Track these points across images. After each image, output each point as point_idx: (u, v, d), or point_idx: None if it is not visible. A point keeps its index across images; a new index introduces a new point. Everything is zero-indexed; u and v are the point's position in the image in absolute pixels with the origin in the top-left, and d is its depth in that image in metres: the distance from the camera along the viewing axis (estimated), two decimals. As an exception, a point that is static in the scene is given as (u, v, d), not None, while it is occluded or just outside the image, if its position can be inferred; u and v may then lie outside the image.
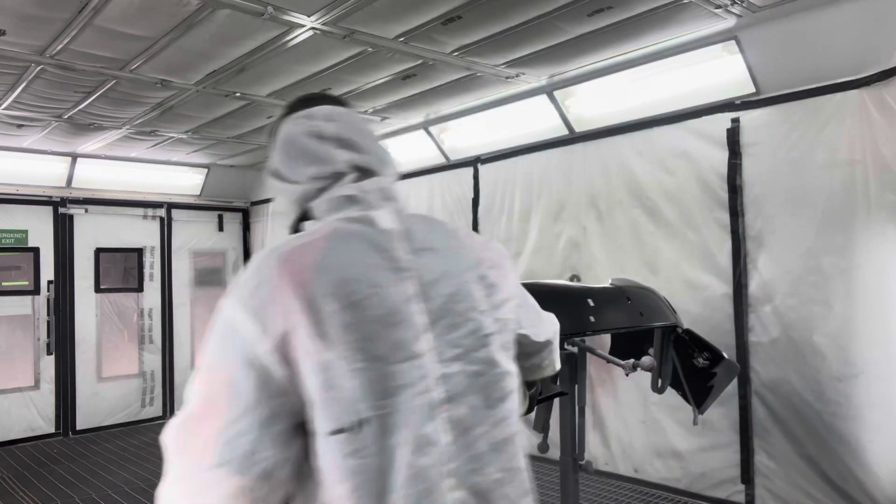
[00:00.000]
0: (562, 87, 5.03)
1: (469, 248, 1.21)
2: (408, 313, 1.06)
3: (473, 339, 1.12)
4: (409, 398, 1.02)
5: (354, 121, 1.28)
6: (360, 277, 1.04)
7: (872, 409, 3.78)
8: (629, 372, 2.77)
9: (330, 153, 1.20)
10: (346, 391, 0.98)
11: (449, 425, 1.05)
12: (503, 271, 1.25)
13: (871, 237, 3.79)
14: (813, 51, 3.88)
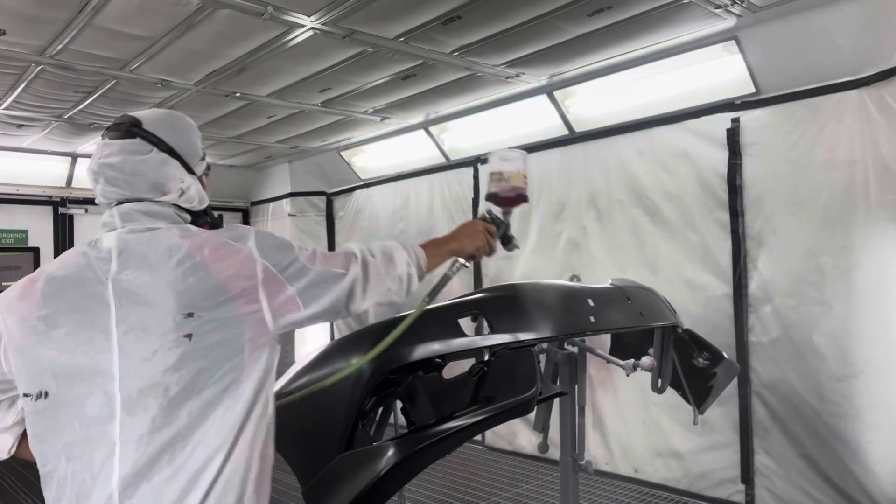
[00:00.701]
0: (562, 87, 5.03)
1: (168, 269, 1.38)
2: (99, 317, 1.35)
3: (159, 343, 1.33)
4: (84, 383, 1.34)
5: (113, 150, 1.48)
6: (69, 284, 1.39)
7: (872, 409, 3.78)
8: (629, 372, 2.77)
9: (94, 187, 1.50)
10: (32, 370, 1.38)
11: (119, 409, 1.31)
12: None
13: (871, 237, 3.79)
14: (813, 51, 3.88)
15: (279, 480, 5.76)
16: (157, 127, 1.51)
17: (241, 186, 8.57)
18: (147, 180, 1.47)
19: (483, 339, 1.95)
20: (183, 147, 1.53)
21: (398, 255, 1.62)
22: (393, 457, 1.65)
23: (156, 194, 1.48)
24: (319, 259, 1.50)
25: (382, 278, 1.56)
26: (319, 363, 1.84)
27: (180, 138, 1.53)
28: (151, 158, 1.48)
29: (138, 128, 1.49)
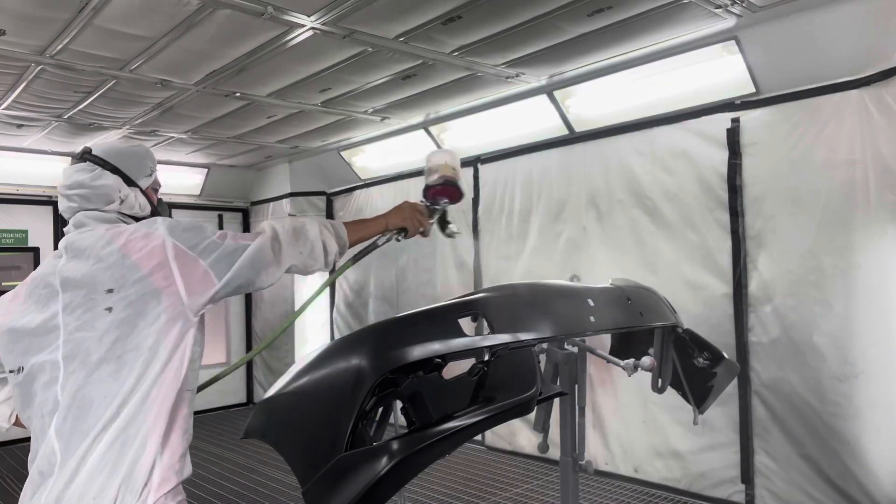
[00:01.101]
0: (562, 87, 5.03)
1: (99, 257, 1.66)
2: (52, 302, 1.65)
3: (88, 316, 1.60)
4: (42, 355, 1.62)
5: (69, 173, 1.81)
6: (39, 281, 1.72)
7: (872, 409, 3.79)
8: (629, 372, 2.76)
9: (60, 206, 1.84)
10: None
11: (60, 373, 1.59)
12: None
13: (871, 237, 3.79)
14: (813, 51, 3.89)
15: (279, 480, 5.76)
16: (104, 152, 1.84)
17: (241, 186, 8.57)
18: (93, 193, 1.78)
19: (483, 339, 1.95)
20: (126, 165, 1.84)
21: (310, 225, 1.82)
22: (393, 457, 1.65)
23: (101, 204, 1.78)
24: (230, 236, 1.71)
25: (293, 244, 1.76)
26: (319, 363, 1.84)
27: (124, 159, 1.85)
28: (96, 175, 1.79)
29: (88, 154, 1.84)
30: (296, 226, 1.80)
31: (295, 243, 1.77)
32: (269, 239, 1.72)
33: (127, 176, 1.83)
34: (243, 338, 8.78)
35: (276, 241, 1.73)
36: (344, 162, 7.37)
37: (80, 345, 1.59)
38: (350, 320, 7.73)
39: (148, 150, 1.97)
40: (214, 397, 8.34)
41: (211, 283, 1.64)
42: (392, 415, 2.00)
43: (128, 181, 1.83)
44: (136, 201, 1.84)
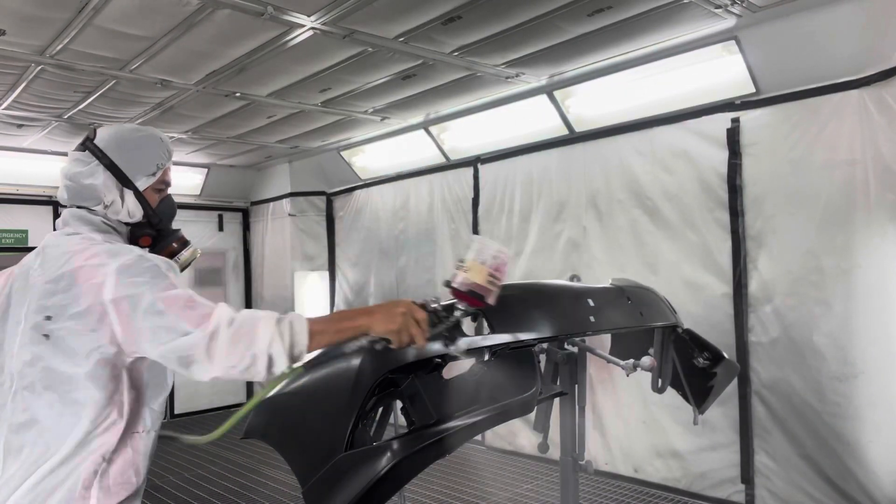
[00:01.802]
0: (562, 87, 5.03)
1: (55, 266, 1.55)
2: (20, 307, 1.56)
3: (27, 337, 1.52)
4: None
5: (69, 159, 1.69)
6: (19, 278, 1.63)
7: (872, 409, 3.79)
8: (629, 372, 2.76)
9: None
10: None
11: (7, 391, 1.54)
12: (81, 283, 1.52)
13: (871, 237, 3.79)
14: (813, 51, 3.88)
15: (279, 480, 5.75)
16: (106, 141, 1.67)
17: (241, 186, 8.57)
18: (82, 189, 1.64)
19: (483, 339, 1.96)
20: (126, 161, 1.67)
21: (262, 330, 1.44)
22: (393, 457, 1.65)
23: (91, 203, 1.64)
24: (180, 305, 1.46)
25: (229, 351, 1.42)
26: (319, 363, 1.84)
27: (125, 153, 1.67)
28: (88, 170, 1.64)
29: (89, 141, 1.68)
30: (245, 326, 1.45)
31: (232, 351, 1.43)
32: (206, 337, 1.42)
33: (123, 174, 1.66)
34: (243, 338, 8.77)
35: (213, 340, 1.42)
36: (344, 162, 7.37)
37: (17, 367, 1.51)
38: (350, 320, 7.71)
39: (161, 141, 1.76)
40: (214, 397, 8.34)
41: (147, 345, 1.46)
42: (392, 415, 2.00)
43: (123, 180, 1.67)
44: (125, 207, 1.68)
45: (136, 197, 1.69)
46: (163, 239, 1.75)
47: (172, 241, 1.77)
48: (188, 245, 1.82)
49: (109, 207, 1.66)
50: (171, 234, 1.77)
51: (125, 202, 1.68)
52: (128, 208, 1.68)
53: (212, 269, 8.58)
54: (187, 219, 8.29)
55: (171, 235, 1.77)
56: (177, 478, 5.57)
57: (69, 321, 1.48)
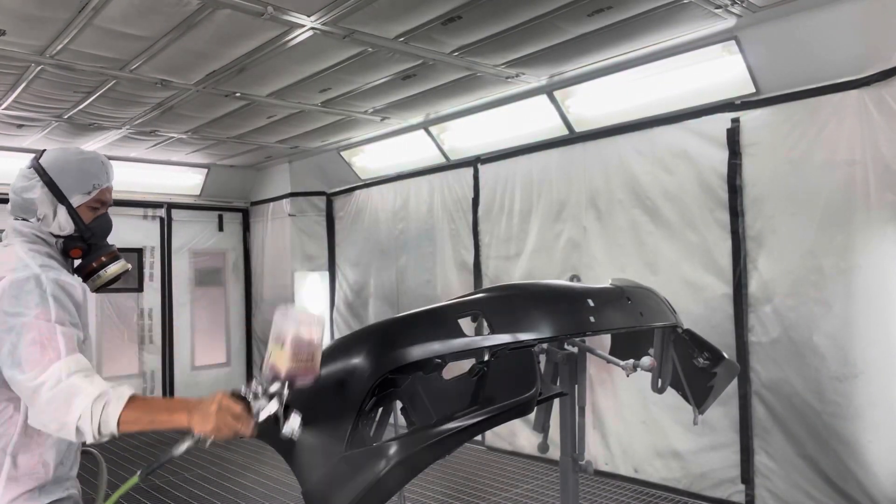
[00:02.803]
0: (562, 87, 5.03)
1: None
2: None
3: None
4: None
5: (17, 175, 1.84)
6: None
7: (872, 409, 3.78)
8: (629, 372, 2.76)
9: None
10: None
11: None
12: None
13: (871, 237, 3.79)
14: (813, 51, 3.88)
15: (279, 480, 5.73)
16: (50, 161, 1.83)
17: (241, 186, 8.57)
18: (22, 202, 1.80)
19: (483, 339, 1.96)
20: (63, 179, 1.81)
21: (77, 404, 1.52)
22: (393, 457, 1.65)
23: (28, 215, 1.80)
24: (35, 339, 1.56)
25: (41, 410, 1.54)
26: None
27: (64, 173, 1.82)
28: (29, 185, 1.80)
29: (36, 160, 1.84)
30: (63, 393, 1.53)
31: (46, 409, 1.53)
32: (31, 387, 1.55)
33: (59, 191, 1.80)
34: (243, 339, 8.78)
35: (36, 393, 1.54)
36: (344, 162, 7.37)
37: None
38: (350, 320, 7.73)
39: (100, 164, 1.89)
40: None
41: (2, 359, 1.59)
42: (392, 415, 2.00)
43: (58, 196, 1.80)
44: (56, 221, 1.81)
45: (69, 212, 1.81)
46: (93, 252, 1.87)
47: (102, 254, 1.88)
48: (117, 259, 1.94)
49: (42, 220, 1.79)
50: (101, 249, 1.88)
51: (57, 216, 1.81)
52: (59, 222, 1.81)
53: (212, 269, 8.58)
54: (187, 219, 8.30)
55: (102, 250, 1.89)
56: (177, 478, 5.57)
57: None
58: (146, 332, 7.89)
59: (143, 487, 5.31)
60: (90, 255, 1.87)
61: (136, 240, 7.85)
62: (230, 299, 8.70)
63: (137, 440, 6.74)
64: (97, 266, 1.88)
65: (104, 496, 1.81)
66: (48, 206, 1.80)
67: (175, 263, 8.13)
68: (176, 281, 8.13)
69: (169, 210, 8.10)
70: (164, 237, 8.07)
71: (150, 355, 7.89)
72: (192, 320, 8.26)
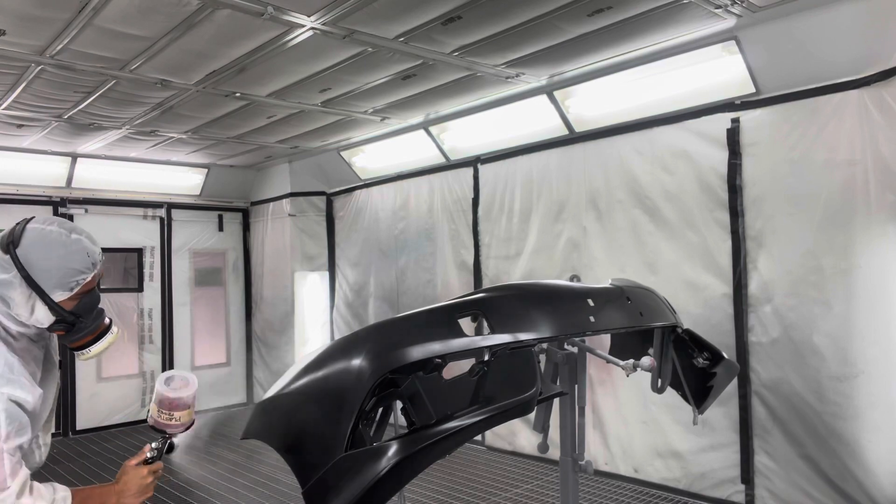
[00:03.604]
0: (562, 87, 5.03)
1: None
2: None
3: None
4: None
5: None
6: None
7: (872, 409, 3.79)
8: (629, 372, 2.76)
9: None
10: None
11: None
12: None
13: (871, 237, 3.79)
14: (813, 51, 3.88)
15: (279, 480, 5.73)
16: (28, 251, 1.68)
17: (241, 186, 8.57)
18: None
19: (483, 339, 1.95)
20: (45, 278, 1.69)
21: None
22: (393, 457, 1.65)
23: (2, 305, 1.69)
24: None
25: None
26: (319, 363, 1.84)
27: (45, 270, 1.69)
28: (6, 279, 1.68)
29: (13, 248, 1.68)
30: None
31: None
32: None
33: (40, 288, 1.68)
34: (243, 339, 8.78)
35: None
36: (344, 162, 7.37)
37: None
38: (350, 320, 7.73)
39: (85, 256, 1.75)
40: (215, 397, 8.34)
41: None
42: (392, 415, 1.99)
43: (39, 292, 1.68)
44: (34, 315, 1.71)
45: (49, 306, 1.71)
46: (79, 332, 1.79)
47: (88, 333, 1.81)
48: (107, 332, 1.86)
49: (17, 314, 1.69)
50: (87, 327, 1.80)
51: (35, 312, 1.71)
52: (37, 317, 1.71)
53: (212, 269, 8.58)
54: (187, 219, 8.30)
55: (88, 327, 1.80)
56: (177, 478, 5.57)
57: None
58: (146, 332, 7.89)
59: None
60: (73, 335, 1.79)
61: (136, 240, 7.86)
62: (230, 299, 8.70)
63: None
64: (82, 345, 1.82)
65: None
66: (24, 304, 1.69)
67: (175, 263, 8.13)
68: (176, 281, 8.13)
69: (169, 210, 8.10)
70: (164, 237, 8.07)
71: (150, 355, 7.89)
72: (192, 320, 8.26)
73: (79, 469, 5.89)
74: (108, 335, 1.86)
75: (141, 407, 7.80)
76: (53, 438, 1.96)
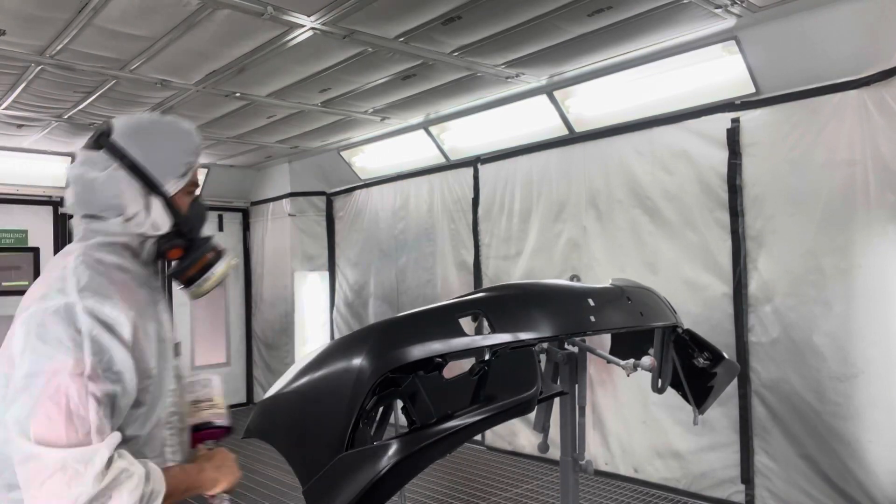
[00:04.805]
0: (562, 87, 5.03)
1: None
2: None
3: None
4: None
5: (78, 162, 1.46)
6: None
7: (872, 409, 3.79)
8: (629, 372, 2.76)
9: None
10: None
11: None
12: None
13: (871, 237, 3.79)
14: (813, 51, 3.89)
15: (279, 481, 5.73)
16: (126, 138, 1.39)
17: (241, 186, 8.57)
18: (95, 197, 1.39)
19: (483, 339, 1.95)
20: (154, 161, 1.40)
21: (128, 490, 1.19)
22: (393, 456, 1.65)
23: (107, 213, 1.39)
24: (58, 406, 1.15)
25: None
26: (319, 363, 1.84)
27: (153, 150, 1.40)
28: (106, 175, 1.38)
29: (105, 138, 1.40)
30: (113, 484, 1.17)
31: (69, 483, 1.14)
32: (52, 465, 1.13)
33: (150, 178, 1.39)
34: (243, 339, 8.78)
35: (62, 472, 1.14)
36: (344, 162, 7.37)
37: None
38: (350, 320, 7.73)
39: (190, 134, 1.47)
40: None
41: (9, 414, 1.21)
42: (392, 415, 2.00)
43: (150, 185, 1.39)
44: (150, 219, 1.40)
45: (165, 204, 1.42)
46: (195, 250, 1.49)
47: (205, 251, 1.50)
48: (223, 255, 1.54)
49: (132, 220, 1.39)
50: (203, 244, 1.50)
51: (151, 213, 1.41)
52: (153, 220, 1.41)
53: (212, 269, 8.57)
54: (187, 219, 8.29)
55: (204, 245, 1.50)
56: (177, 478, 5.57)
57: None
58: (146, 332, 7.88)
59: (143, 487, 5.31)
60: (191, 254, 1.48)
61: (136, 240, 7.85)
62: (230, 299, 8.69)
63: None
64: (203, 267, 1.48)
65: None
66: (139, 200, 1.38)
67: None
68: (176, 281, 8.12)
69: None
70: (163, 237, 8.06)
71: (150, 355, 7.89)
72: (191, 320, 8.26)
73: (79, 469, 5.87)
74: (226, 257, 1.54)
75: (141, 407, 7.78)
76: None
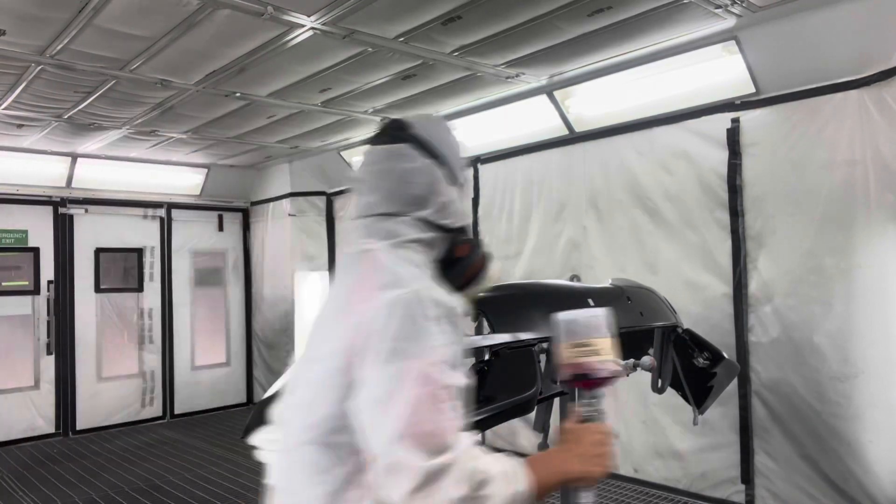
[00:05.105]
0: (562, 87, 5.03)
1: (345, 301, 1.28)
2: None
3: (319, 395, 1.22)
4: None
5: (367, 160, 1.44)
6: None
7: (872, 409, 3.78)
8: (629, 372, 2.76)
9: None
10: None
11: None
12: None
13: (871, 237, 3.79)
14: (813, 51, 3.88)
15: (279, 480, 5.58)
16: (428, 133, 1.37)
17: (241, 186, 8.57)
18: (408, 191, 1.32)
19: (483, 339, 1.95)
20: (449, 152, 1.37)
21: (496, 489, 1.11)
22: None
23: (412, 208, 1.32)
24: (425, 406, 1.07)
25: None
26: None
27: (447, 147, 1.37)
28: (422, 167, 1.33)
29: (405, 132, 1.37)
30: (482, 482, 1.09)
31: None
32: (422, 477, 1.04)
33: (454, 171, 1.35)
34: (244, 339, 8.78)
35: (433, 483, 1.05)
36: (344, 162, 7.37)
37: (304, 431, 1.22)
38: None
39: (462, 146, 1.45)
40: (215, 397, 8.34)
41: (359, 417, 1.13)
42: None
43: (451, 178, 1.35)
44: (459, 208, 1.36)
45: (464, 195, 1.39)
46: (473, 252, 1.41)
47: (481, 251, 1.43)
48: (489, 258, 1.47)
49: (444, 210, 1.33)
50: (477, 244, 1.43)
51: (457, 202, 1.37)
52: (457, 210, 1.37)
53: (212, 269, 8.57)
54: (187, 219, 8.30)
55: (478, 245, 1.43)
56: (177, 478, 5.57)
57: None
58: (146, 332, 7.88)
59: (144, 487, 5.31)
60: (477, 252, 1.40)
61: (136, 240, 7.85)
62: (230, 299, 8.69)
63: (137, 440, 6.71)
64: (480, 266, 1.41)
65: None
66: (450, 189, 1.34)
67: (175, 263, 8.13)
68: (176, 281, 8.12)
69: (169, 210, 8.10)
70: (164, 237, 8.07)
71: (150, 355, 7.89)
72: (192, 320, 8.26)
73: (79, 469, 5.88)
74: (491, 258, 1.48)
75: (141, 407, 7.79)
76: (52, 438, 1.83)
